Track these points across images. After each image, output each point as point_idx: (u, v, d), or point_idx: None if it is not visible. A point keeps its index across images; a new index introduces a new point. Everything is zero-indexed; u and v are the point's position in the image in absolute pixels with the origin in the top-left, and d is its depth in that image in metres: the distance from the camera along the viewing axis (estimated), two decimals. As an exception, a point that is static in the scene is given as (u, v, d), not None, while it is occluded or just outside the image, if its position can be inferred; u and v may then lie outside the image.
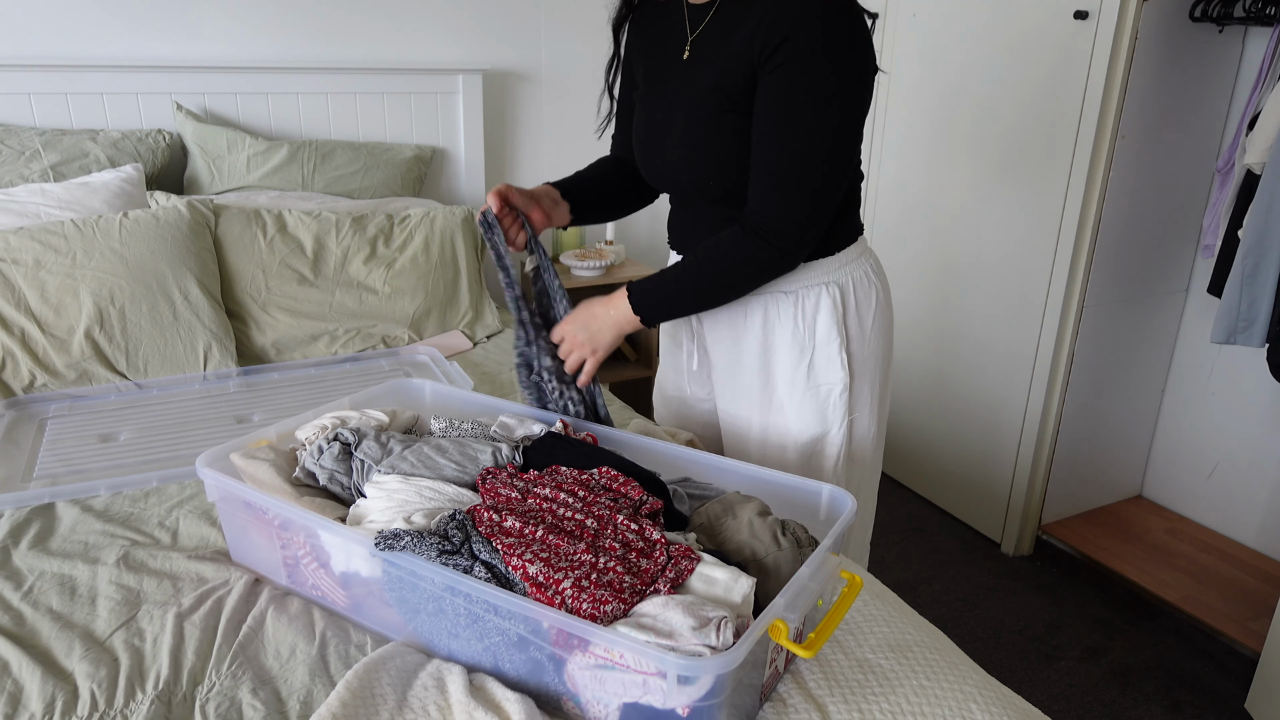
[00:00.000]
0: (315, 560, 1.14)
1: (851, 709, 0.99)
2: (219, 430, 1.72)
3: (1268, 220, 1.93)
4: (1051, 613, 2.31)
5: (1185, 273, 2.49)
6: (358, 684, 0.98)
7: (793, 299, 1.34)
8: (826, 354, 1.35)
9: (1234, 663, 2.13)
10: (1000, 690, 1.07)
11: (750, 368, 1.41)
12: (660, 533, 1.02)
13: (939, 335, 2.72)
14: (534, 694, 0.97)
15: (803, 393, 1.37)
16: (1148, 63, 2.15)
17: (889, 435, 2.98)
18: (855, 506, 1.11)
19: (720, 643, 0.86)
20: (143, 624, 1.13)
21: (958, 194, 2.58)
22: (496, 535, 1.00)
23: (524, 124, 3.01)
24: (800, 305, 1.34)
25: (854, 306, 1.35)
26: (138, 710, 0.99)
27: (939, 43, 2.56)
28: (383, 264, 2.27)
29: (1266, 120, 1.99)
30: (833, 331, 1.34)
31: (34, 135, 2.24)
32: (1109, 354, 2.45)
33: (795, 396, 1.38)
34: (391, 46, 2.73)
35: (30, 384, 1.82)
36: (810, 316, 1.34)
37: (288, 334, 2.13)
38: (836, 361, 1.35)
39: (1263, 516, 2.44)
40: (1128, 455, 2.66)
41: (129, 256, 1.96)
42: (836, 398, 1.37)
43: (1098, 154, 2.19)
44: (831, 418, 1.38)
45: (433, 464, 1.17)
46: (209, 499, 1.29)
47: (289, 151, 2.48)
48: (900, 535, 2.66)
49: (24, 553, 1.28)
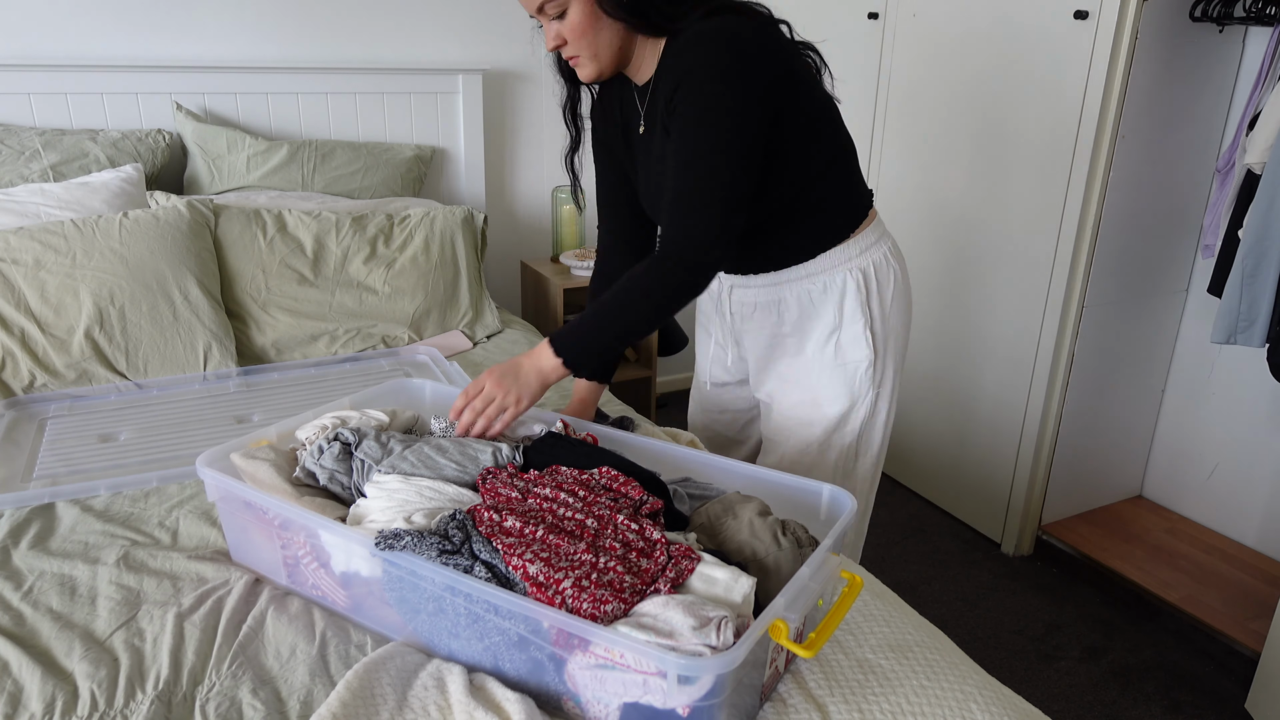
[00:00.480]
0: (315, 560, 1.14)
1: (851, 709, 0.99)
2: (219, 430, 1.72)
3: (1268, 220, 1.93)
4: (1051, 613, 2.31)
5: (1185, 273, 2.49)
6: (358, 684, 0.98)
7: (821, 284, 1.44)
8: (853, 333, 1.45)
9: (1234, 663, 2.13)
10: (1000, 690, 1.07)
11: (785, 350, 1.51)
12: (660, 532, 1.02)
13: (939, 335, 2.72)
14: (534, 694, 0.97)
15: (831, 369, 1.48)
16: (1148, 63, 2.15)
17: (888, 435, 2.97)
18: (855, 506, 1.11)
19: (720, 642, 0.86)
20: (143, 624, 1.13)
21: (957, 194, 2.58)
22: (497, 535, 1.00)
23: (524, 124, 3.01)
24: (828, 290, 1.44)
25: (875, 288, 1.45)
26: (138, 710, 0.99)
27: (939, 43, 2.56)
28: (383, 264, 2.27)
29: (1266, 120, 1.99)
30: (858, 312, 1.44)
31: (34, 135, 2.24)
32: (1109, 354, 2.45)
33: (825, 374, 1.48)
34: (391, 46, 2.73)
35: (30, 384, 1.82)
36: (838, 299, 1.44)
37: (288, 334, 2.13)
38: (862, 340, 1.45)
39: (1263, 516, 2.44)
40: (1128, 455, 2.66)
41: (129, 256, 1.96)
42: (862, 374, 1.47)
43: (1098, 154, 2.19)
44: (858, 392, 1.49)
45: (433, 464, 1.17)
46: (209, 499, 1.29)
47: (289, 151, 2.48)
48: (900, 535, 2.66)
49: (24, 553, 1.28)
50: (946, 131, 2.58)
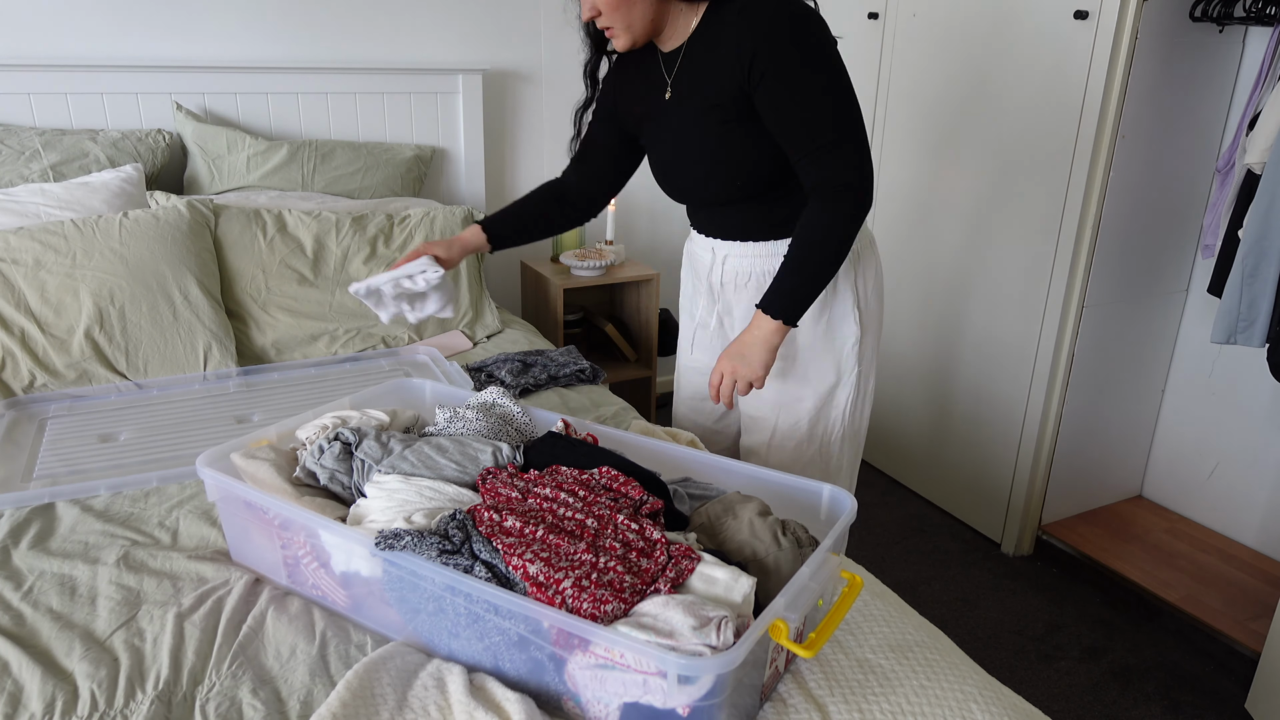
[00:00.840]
0: (315, 560, 1.14)
1: (851, 709, 0.99)
2: (219, 430, 1.72)
3: (1268, 220, 1.93)
4: (1051, 613, 2.31)
5: (1185, 273, 2.49)
6: (358, 684, 0.98)
7: None
8: (843, 310, 1.54)
9: (1234, 663, 2.13)
10: (1000, 690, 1.07)
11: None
12: (660, 532, 1.02)
13: (939, 335, 2.72)
14: (534, 694, 0.97)
15: (822, 345, 1.56)
16: (1148, 63, 2.15)
17: (889, 435, 2.98)
18: (855, 506, 1.11)
19: (721, 642, 0.86)
20: (143, 624, 1.13)
21: (958, 194, 2.58)
22: (497, 535, 1.00)
23: (524, 124, 3.01)
24: None
25: (861, 269, 1.55)
26: (138, 710, 0.99)
27: (939, 43, 2.56)
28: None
29: (1266, 120, 1.99)
30: (848, 289, 1.53)
31: (34, 135, 2.24)
32: (1109, 354, 2.45)
33: (816, 349, 1.56)
34: (391, 46, 2.73)
35: (30, 384, 1.82)
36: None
37: (288, 334, 2.13)
38: (851, 317, 1.55)
39: (1263, 516, 2.44)
40: (1128, 455, 2.66)
41: (129, 256, 1.96)
42: (850, 349, 1.56)
43: (1098, 154, 2.19)
44: (844, 368, 1.57)
45: (433, 464, 1.17)
46: (209, 499, 1.29)
47: (289, 151, 2.48)
48: (900, 535, 2.66)
49: (24, 553, 1.28)
50: (946, 131, 2.58)
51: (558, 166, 3.08)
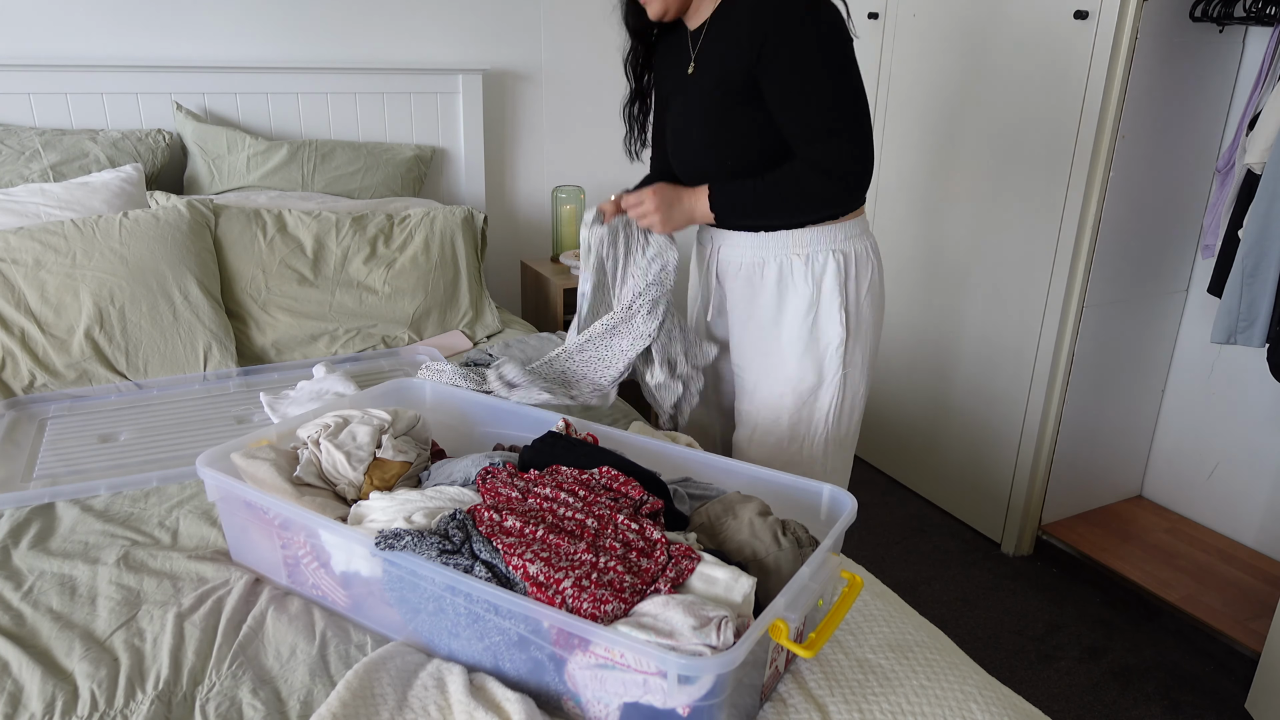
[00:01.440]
0: (316, 560, 1.14)
1: (851, 709, 0.99)
2: (219, 430, 1.72)
3: (1268, 220, 1.93)
4: (1051, 613, 2.31)
5: (1185, 273, 2.49)
6: (358, 684, 0.98)
7: (804, 260, 1.54)
8: (829, 310, 1.55)
9: (1234, 663, 2.13)
10: (1000, 690, 1.07)
11: (762, 320, 1.60)
12: (661, 532, 1.02)
13: (939, 335, 2.72)
14: (534, 694, 0.97)
15: (805, 344, 1.58)
16: (1148, 63, 2.15)
17: (889, 435, 2.98)
18: (855, 506, 1.11)
19: (721, 642, 0.86)
20: (143, 624, 1.13)
21: (958, 194, 2.58)
22: (497, 535, 1.00)
23: (524, 124, 3.01)
24: (811, 266, 1.54)
25: (854, 274, 1.56)
26: (138, 710, 0.99)
27: (939, 42, 2.56)
28: (383, 264, 2.27)
29: (1266, 120, 1.99)
30: (835, 291, 1.54)
31: (34, 135, 2.24)
32: (1109, 354, 2.45)
33: (798, 347, 1.58)
34: (391, 46, 2.73)
35: (30, 384, 1.82)
36: (818, 276, 1.54)
37: (288, 334, 2.13)
38: (836, 319, 1.56)
39: (1263, 516, 2.44)
40: (1128, 455, 2.66)
41: (129, 256, 1.96)
42: (833, 351, 1.58)
43: (1098, 154, 2.19)
44: (828, 369, 1.59)
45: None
46: (209, 499, 1.29)
47: (289, 151, 2.48)
48: (900, 535, 2.66)
49: (24, 553, 1.28)
50: (946, 131, 2.58)
51: (558, 166, 3.09)
